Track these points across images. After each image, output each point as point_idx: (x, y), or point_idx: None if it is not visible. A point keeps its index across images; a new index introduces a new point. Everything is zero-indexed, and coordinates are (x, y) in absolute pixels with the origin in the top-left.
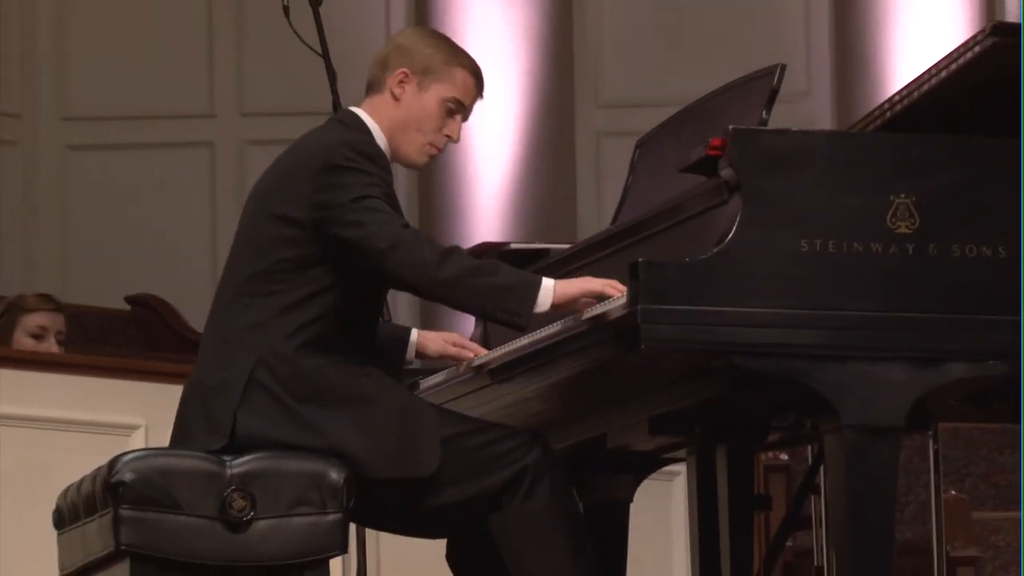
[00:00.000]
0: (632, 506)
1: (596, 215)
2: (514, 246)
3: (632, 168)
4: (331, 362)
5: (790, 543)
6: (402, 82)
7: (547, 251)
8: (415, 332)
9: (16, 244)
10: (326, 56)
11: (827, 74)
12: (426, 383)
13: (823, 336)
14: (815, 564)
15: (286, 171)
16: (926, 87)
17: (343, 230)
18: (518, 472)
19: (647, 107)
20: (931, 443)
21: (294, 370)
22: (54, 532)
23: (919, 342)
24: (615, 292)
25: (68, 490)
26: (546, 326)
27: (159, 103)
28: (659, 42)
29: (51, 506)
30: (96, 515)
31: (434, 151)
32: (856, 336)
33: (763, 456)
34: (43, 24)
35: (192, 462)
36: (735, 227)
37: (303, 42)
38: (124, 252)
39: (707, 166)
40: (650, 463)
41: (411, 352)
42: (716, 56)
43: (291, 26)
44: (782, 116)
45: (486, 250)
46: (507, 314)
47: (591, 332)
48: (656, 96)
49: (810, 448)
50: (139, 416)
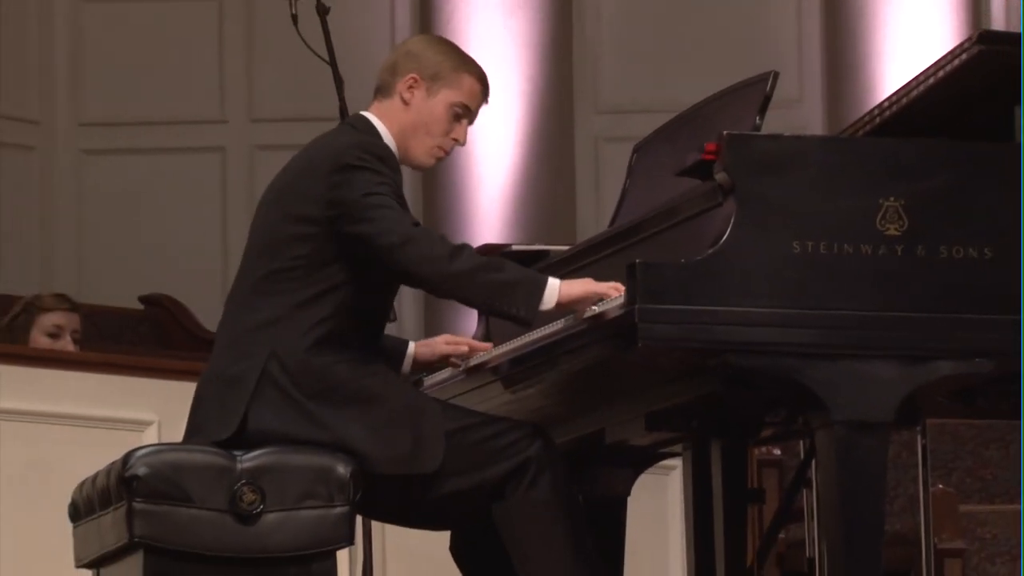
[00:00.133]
0: (630, 499)
1: (595, 217)
2: (515, 247)
3: (630, 172)
4: (341, 359)
5: (783, 535)
6: (411, 87)
7: (547, 252)
8: (412, 345)
9: (33, 245)
10: (333, 64)
11: (818, 81)
12: (430, 380)
13: (815, 335)
14: (807, 555)
15: (299, 173)
16: (914, 93)
17: (356, 226)
18: (521, 463)
19: (644, 113)
20: (919, 438)
21: (305, 366)
22: (70, 525)
23: (908, 340)
24: (617, 293)
25: (83, 484)
26: (546, 325)
27: (172, 109)
28: (656, 50)
29: (67, 500)
30: (111, 508)
31: (441, 154)
32: (847, 335)
33: (756, 451)
34: (60, 34)
35: (203, 457)
36: (729, 229)
37: (311, 50)
38: (138, 253)
39: (702, 170)
40: (647, 458)
41: (407, 364)
42: (711, 64)
43: (299, 35)
44: (775, 122)
45: (488, 251)
46: (514, 309)
47: (590, 331)
48: (653, 102)
49: (802, 443)
50: (152, 412)
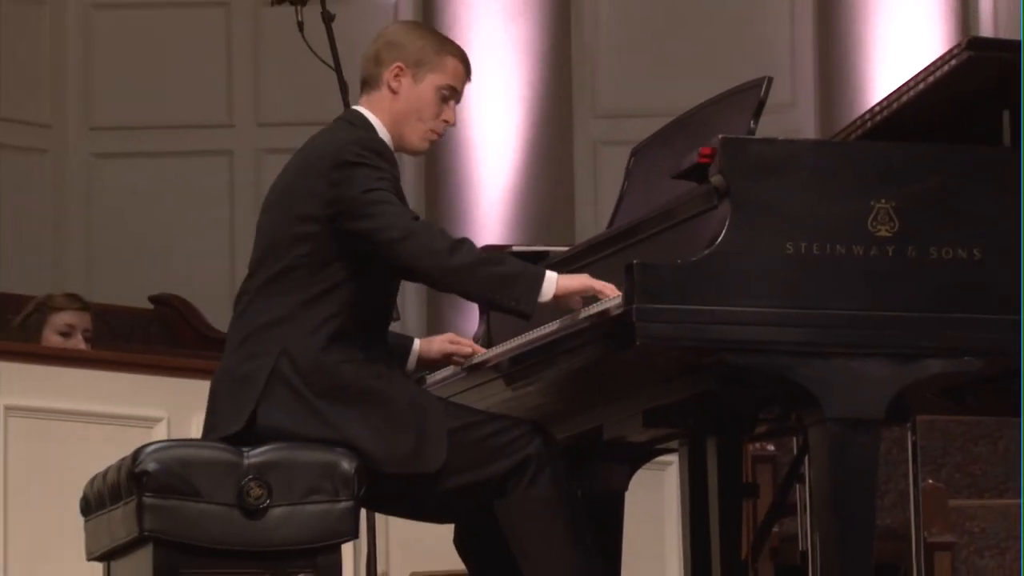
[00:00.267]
0: (627, 494)
1: (593, 219)
2: (516, 248)
3: (627, 175)
4: (348, 359)
5: (776, 529)
6: (398, 76)
7: (547, 253)
8: (417, 342)
9: (46, 247)
10: (338, 69)
11: (811, 86)
12: (432, 378)
13: (808, 334)
14: (800, 549)
15: (299, 172)
16: (905, 98)
17: (356, 223)
18: (522, 461)
19: (641, 117)
20: (909, 435)
21: (314, 365)
22: (81, 519)
23: (898, 339)
24: (612, 293)
25: (94, 479)
26: (545, 324)
27: (180, 114)
28: (653, 56)
29: (78, 494)
30: (121, 503)
31: (435, 136)
32: (839, 334)
33: (751, 447)
34: (71, 40)
35: (211, 452)
36: (725, 230)
37: (316, 56)
38: (147, 254)
39: (698, 173)
40: (644, 454)
41: (412, 361)
42: (707, 69)
43: (305, 41)
44: (769, 126)
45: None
46: (514, 302)
47: (589, 330)
48: (650, 107)
49: (795, 439)
50: (162, 409)
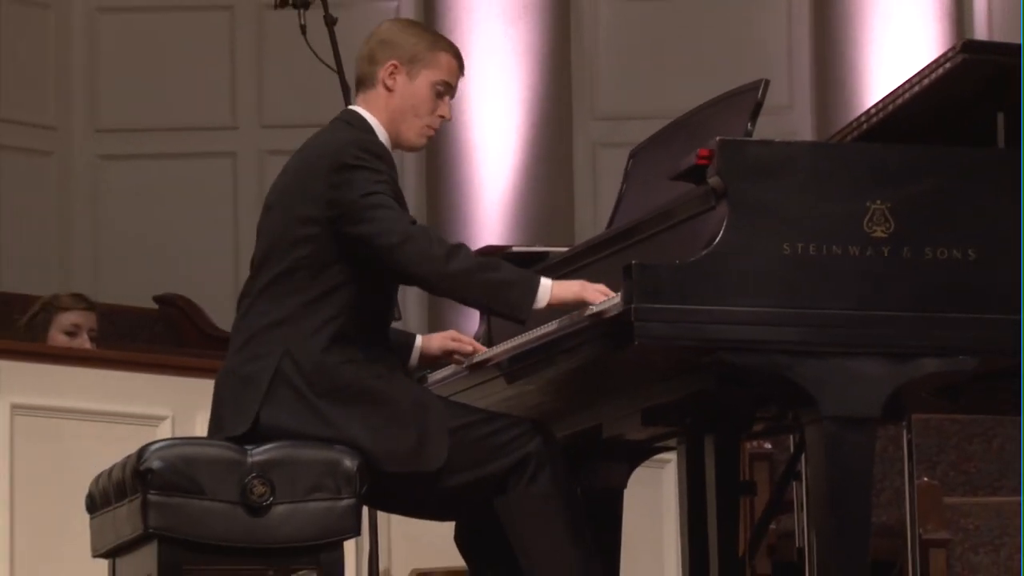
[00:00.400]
0: (626, 491)
1: (593, 220)
2: (516, 249)
3: (626, 176)
4: (350, 359)
5: (773, 526)
6: (393, 73)
7: (547, 254)
8: (419, 338)
9: (51, 247)
10: (340, 72)
11: (807, 89)
12: (434, 377)
13: (804, 333)
14: (797, 545)
15: (299, 173)
16: (900, 100)
17: (355, 227)
18: (522, 459)
19: (640, 119)
20: (905, 433)
21: (316, 366)
22: (86, 516)
23: (894, 339)
24: (603, 298)
25: (100, 477)
26: (545, 324)
27: (185, 116)
28: (651, 59)
29: (84, 492)
30: (126, 500)
31: (431, 132)
32: (835, 333)
33: (748, 445)
34: (77, 43)
35: (215, 451)
36: (722, 231)
37: (319, 59)
38: (152, 255)
39: (696, 174)
40: (643, 451)
41: (415, 357)
42: (704, 72)
43: (308, 44)
44: (766, 128)
45: (490, 253)
46: (508, 308)
47: (588, 329)
48: (649, 109)
49: (792, 438)
50: (166, 408)
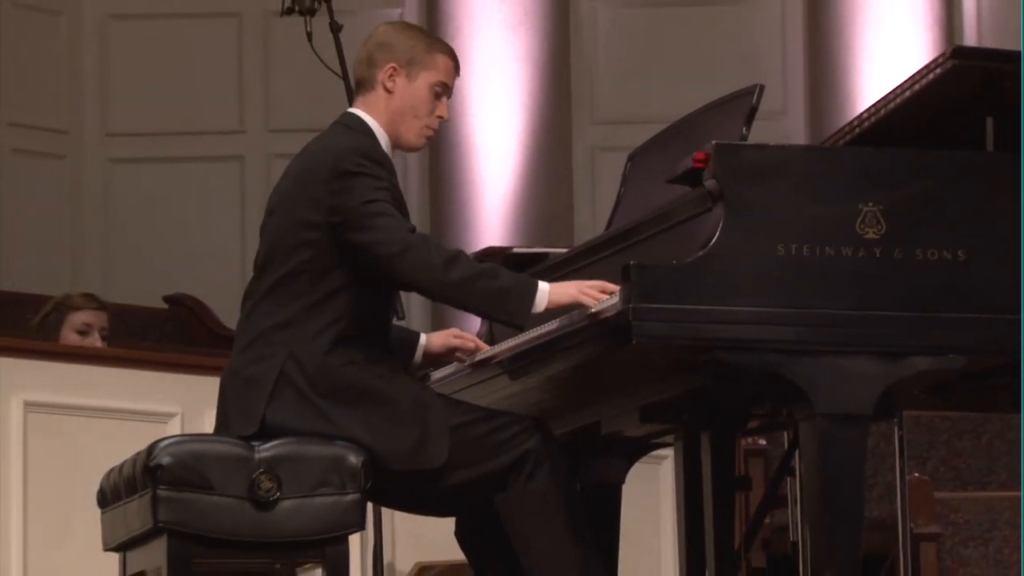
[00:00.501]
0: (624, 487)
1: (591, 222)
2: (517, 250)
3: (624, 179)
4: (352, 361)
5: (768, 520)
6: (392, 76)
7: (546, 255)
8: (423, 336)
9: (64, 248)
10: (345, 77)
11: (801, 94)
12: (436, 375)
13: (798, 332)
14: (791, 539)
15: (300, 177)
16: (892, 105)
17: (355, 235)
18: (521, 456)
19: (638, 124)
20: (896, 430)
21: (319, 368)
22: (98, 511)
23: (885, 338)
24: (604, 298)
25: (111, 473)
26: (546, 323)
27: (193, 120)
28: (649, 65)
29: (95, 487)
30: (136, 495)
31: (430, 133)
32: (828, 332)
33: (743, 441)
34: (88, 50)
35: (223, 447)
36: (718, 233)
37: (324, 65)
38: (162, 256)
39: (692, 177)
40: (641, 448)
41: (419, 355)
42: (701, 78)
43: (314, 50)
44: (760, 132)
45: (492, 254)
46: (507, 315)
47: (587, 329)
48: (646, 114)
49: (786, 434)
50: (176, 405)
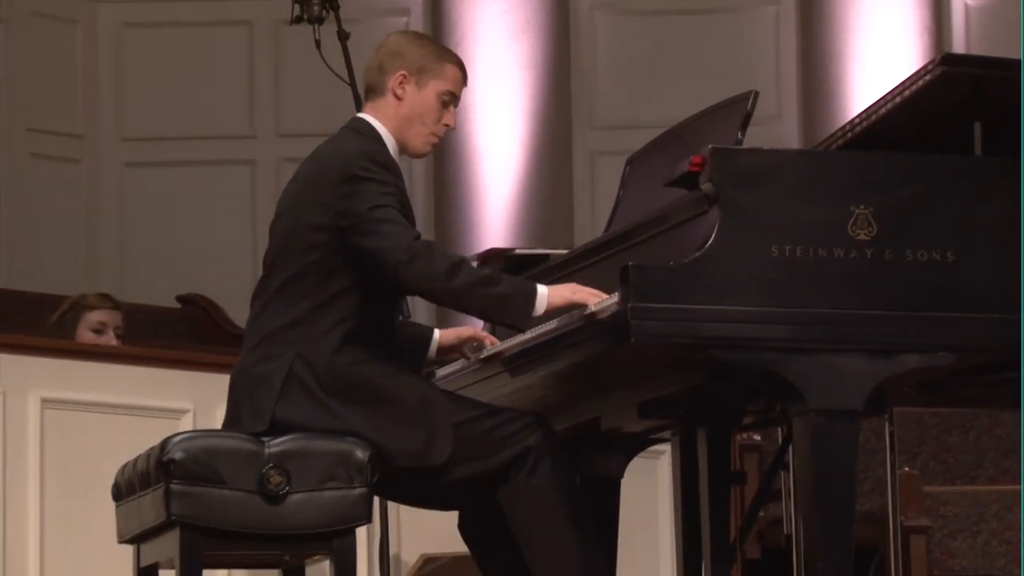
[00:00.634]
0: (623, 481)
1: (591, 224)
2: (518, 251)
3: (623, 182)
4: (359, 360)
5: (763, 513)
6: (402, 83)
7: (547, 256)
8: (437, 332)
9: (80, 249)
10: (353, 83)
11: (794, 99)
12: (442, 372)
13: (792, 331)
14: (785, 532)
15: (309, 180)
16: (883, 110)
17: (361, 239)
18: (523, 451)
19: (636, 129)
20: (887, 425)
21: (327, 367)
22: (113, 504)
23: (876, 336)
24: (595, 300)
25: (125, 467)
26: (547, 322)
27: (206, 125)
28: (647, 72)
29: (110, 481)
30: (150, 489)
31: (435, 140)
32: (821, 331)
33: (739, 437)
34: (104, 57)
35: (234, 442)
36: (714, 234)
37: (333, 71)
38: (175, 256)
39: (689, 181)
40: (639, 443)
41: (433, 350)
42: (697, 84)
43: (322, 58)
44: (755, 136)
45: (494, 255)
46: (511, 320)
47: (587, 328)
48: (644, 119)
49: (780, 430)
50: (188, 401)
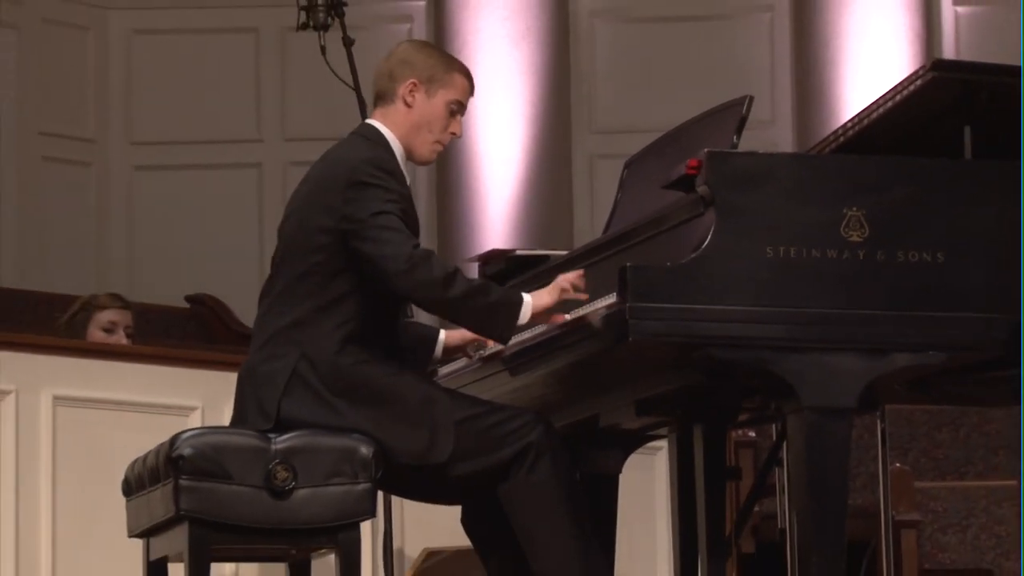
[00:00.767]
0: (621, 477)
1: (590, 225)
2: (519, 252)
3: (621, 185)
4: (363, 360)
5: (757, 508)
6: (412, 91)
7: (547, 257)
8: (443, 332)
9: (90, 251)
10: (357, 88)
11: (788, 104)
12: (444, 371)
13: (786, 330)
14: (779, 526)
15: (318, 185)
16: (875, 115)
17: (362, 245)
18: (523, 448)
19: (634, 133)
20: (879, 422)
21: (331, 367)
22: (123, 499)
23: (869, 335)
24: (581, 283)
25: (135, 463)
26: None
27: (213, 129)
28: (645, 77)
29: (120, 477)
30: (159, 484)
31: (441, 148)
32: (815, 330)
33: (734, 433)
34: (114, 62)
35: (242, 439)
36: (710, 236)
37: (338, 77)
38: (183, 257)
39: (686, 183)
40: (637, 440)
41: (439, 350)
42: (693, 89)
43: (327, 63)
44: (750, 140)
45: (495, 255)
46: (498, 332)
47: (586, 327)
48: (642, 123)
49: (775, 427)
50: (196, 399)
